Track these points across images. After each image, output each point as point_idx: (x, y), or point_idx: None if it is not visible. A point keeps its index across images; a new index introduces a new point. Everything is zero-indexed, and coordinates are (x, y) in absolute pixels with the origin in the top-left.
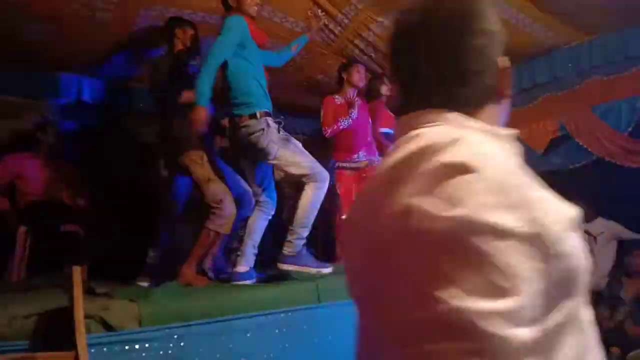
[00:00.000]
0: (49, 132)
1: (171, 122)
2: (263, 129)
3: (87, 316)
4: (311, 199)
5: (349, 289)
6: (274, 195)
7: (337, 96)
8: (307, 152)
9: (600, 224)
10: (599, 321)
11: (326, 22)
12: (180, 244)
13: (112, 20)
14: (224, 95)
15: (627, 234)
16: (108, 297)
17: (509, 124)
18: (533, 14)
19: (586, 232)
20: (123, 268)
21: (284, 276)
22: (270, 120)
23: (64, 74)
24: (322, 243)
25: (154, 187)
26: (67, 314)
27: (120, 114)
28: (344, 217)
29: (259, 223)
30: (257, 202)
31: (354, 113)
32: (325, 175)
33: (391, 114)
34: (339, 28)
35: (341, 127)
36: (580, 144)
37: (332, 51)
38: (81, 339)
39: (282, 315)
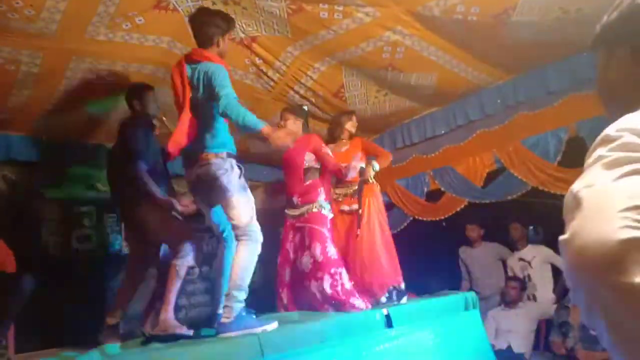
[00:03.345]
0: None
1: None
2: (227, 169)
3: None
4: (243, 260)
5: None
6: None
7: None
8: (254, 210)
9: (531, 250)
10: (552, 349)
11: (264, 69)
12: None
13: (40, 74)
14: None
15: (558, 260)
16: None
17: (448, 160)
18: (459, 56)
19: (521, 259)
20: (52, 333)
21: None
22: (234, 162)
23: None
24: (262, 291)
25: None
26: None
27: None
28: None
29: (228, 261)
30: (219, 240)
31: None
32: (260, 237)
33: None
34: (277, 75)
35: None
36: (515, 175)
37: (272, 97)
38: None
39: None
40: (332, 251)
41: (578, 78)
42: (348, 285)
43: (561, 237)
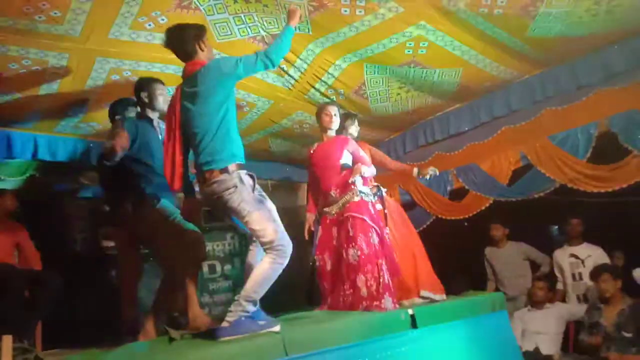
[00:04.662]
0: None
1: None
2: (235, 185)
3: None
4: (265, 272)
5: None
6: None
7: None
8: (278, 221)
9: (586, 249)
10: (582, 349)
11: (285, 68)
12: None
13: (66, 72)
14: (191, 143)
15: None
16: None
17: (472, 158)
18: (484, 51)
19: (573, 255)
20: (83, 330)
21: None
22: (243, 174)
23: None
24: (306, 289)
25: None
26: None
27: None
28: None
29: (256, 260)
30: (251, 240)
31: None
32: (289, 251)
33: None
34: (299, 73)
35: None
36: (542, 172)
37: (293, 96)
38: None
39: None
40: (376, 239)
41: (609, 71)
42: (387, 278)
43: None
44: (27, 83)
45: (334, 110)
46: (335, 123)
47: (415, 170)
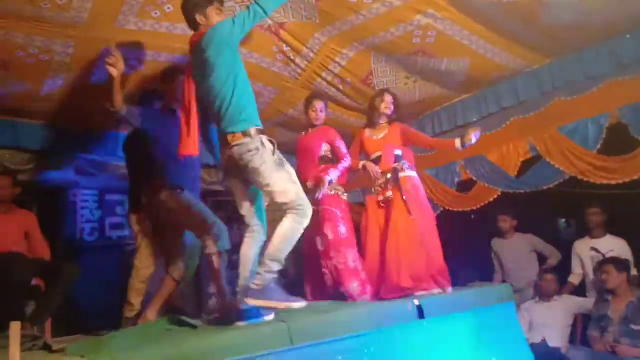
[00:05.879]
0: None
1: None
2: (257, 148)
3: None
4: (288, 232)
5: None
6: (264, 219)
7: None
8: (298, 183)
9: (609, 242)
10: (591, 344)
11: (292, 57)
12: None
13: (72, 63)
14: (210, 112)
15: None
16: (63, 353)
17: (480, 149)
18: (493, 40)
19: (594, 249)
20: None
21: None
22: (265, 139)
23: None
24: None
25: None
26: None
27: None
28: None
29: (253, 251)
30: (248, 228)
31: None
32: (309, 211)
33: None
34: (305, 62)
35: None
36: (552, 163)
37: (299, 85)
38: None
39: None
40: (343, 230)
41: (620, 62)
42: (352, 265)
43: None
44: (34, 71)
45: (320, 105)
46: (321, 119)
47: (458, 141)
